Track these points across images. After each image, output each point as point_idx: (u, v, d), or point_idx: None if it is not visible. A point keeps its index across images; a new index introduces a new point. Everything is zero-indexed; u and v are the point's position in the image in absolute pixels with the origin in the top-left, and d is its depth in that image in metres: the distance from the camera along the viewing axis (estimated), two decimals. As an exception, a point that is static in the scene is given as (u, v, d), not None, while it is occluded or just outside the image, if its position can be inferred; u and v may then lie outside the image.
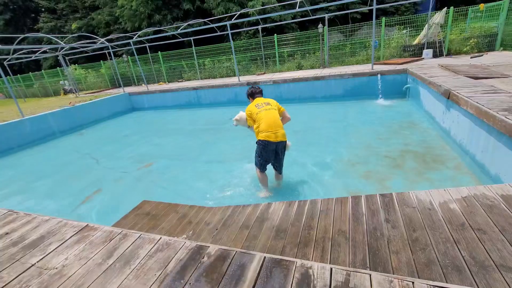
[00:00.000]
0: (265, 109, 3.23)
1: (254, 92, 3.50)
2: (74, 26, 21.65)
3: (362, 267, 1.58)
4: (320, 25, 10.77)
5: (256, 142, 3.28)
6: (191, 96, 11.19)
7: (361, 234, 1.85)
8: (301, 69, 11.74)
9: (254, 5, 14.07)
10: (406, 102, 7.31)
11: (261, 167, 3.38)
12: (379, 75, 7.88)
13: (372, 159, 4.30)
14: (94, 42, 13.31)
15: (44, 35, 11.65)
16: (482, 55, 8.51)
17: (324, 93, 8.87)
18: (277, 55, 12.51)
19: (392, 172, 3.84)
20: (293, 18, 14.35)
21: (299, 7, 9.68)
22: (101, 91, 15.62)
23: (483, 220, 1.73)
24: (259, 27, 12.81)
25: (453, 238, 1.64)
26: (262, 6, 13.89)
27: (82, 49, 13.96)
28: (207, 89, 10.77)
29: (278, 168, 3.50)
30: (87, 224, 1.99)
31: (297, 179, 4.03)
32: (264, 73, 12.20)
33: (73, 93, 15.59)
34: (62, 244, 1.84)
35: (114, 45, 14.52)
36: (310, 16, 12.55)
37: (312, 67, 11.53)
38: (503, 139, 2.84)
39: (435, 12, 9.91)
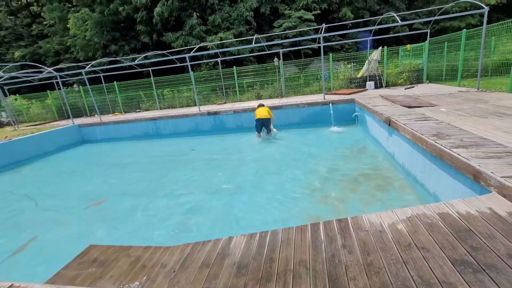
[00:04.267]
0: (259, 110, 7.86)
1: (258, 107, 8.13)
2: (17, 54, 20.07)
3: (323, 298, 1.57)
4: (275, 59, 11.58)
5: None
6: (149, 126, 10.80)
7: (320, 262, 1.86)
8: (260, 98, 12.25)
9: (212, 40, 14.69)
10: (356, 129, 7.98)
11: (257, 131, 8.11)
12: (330, 104, 8.57)
13: (328, 184, 4.50)
14: (40, 72, 12.39)
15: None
16: (413, 87, 9.86)
17: (283, 122, 9.28)
18: (237, 85, 12.96)
19: (347, 196, 4.04)
20: (250, 52, 15.23)
21: (255, 43, 10.35)
22: (46, 123, 14.27)
23: (426, 239, 1.88)
24: (219, 59, 13.29)
25: (402, 258, 1.74)
26: (220, 40, 14.56)
27: (25, 79, 12.84)
28: (167, 119, 10.53)
29: (266, 130, 8.07)
30: (12, 284, 1.68)
31: (259, 209, 4.00)
32: (225, 103, 12.45)
33: (11, 125, 13.97)
34: (-24, 312, 1.52)
35: (64, 74, 13.68)
36: (266, 51, 13.46)
37: (270, 97, 12.12)
38: (435, 161, 3.23)
39: (373, 50, 11.40)
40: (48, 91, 15.97)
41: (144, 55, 12.39)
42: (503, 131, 3.54)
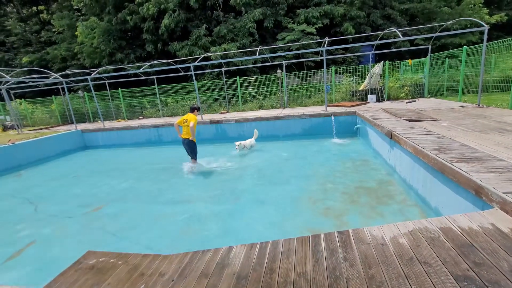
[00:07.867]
0: (184, 126, 6.50)
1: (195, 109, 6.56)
2: (25, 60, 20.44)
3: (323, 311, 1.55)
4: (278, 70, 11.74)
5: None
6: (152, 134, 10.86)
7: (321, 275, 1.84)
8: (262, 109, 12.35)
9: (216, 50, 14.95)
10: (357, 141, 7.99)
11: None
12: (332, 116, 8.63)
13: (330, 195, 4.48)
14: (47, 77, 12.59)
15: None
16: (414, 101, 9.93)
17: (285, 132, 9.32)
18: (239, 95, 13.09)
19: (348, 208, 4.02)
20: (254, 63, 15.45)
21: (258, 54, 10.53)
22: (49, 127, 14.38)
23: (428, 253, 1.86)
24: (222, 69, 13.49)
25: (404, 273, 1.72)
26: (224, 51, 14.82)
27: (32, 84, 13.04)
28: (169, 127, 10.60)
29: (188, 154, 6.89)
30: (11, 288, 1.67)
31: (260, 219, 3.97)
32: (227, 112, 12.54)
33: (15, 129, 14.08)
34: (-28, 317, 1.50)
35: (70, 80, 13.89)
36: (269, 62, 13.67)
37: (272, 107, 12.21)
38: (436, 175, 3.22)
39: (375, 64, 11.55)
40: (53, 96, 16.17)
41: (149, 63, 12.60)
42: (505, 147, 3.55)
